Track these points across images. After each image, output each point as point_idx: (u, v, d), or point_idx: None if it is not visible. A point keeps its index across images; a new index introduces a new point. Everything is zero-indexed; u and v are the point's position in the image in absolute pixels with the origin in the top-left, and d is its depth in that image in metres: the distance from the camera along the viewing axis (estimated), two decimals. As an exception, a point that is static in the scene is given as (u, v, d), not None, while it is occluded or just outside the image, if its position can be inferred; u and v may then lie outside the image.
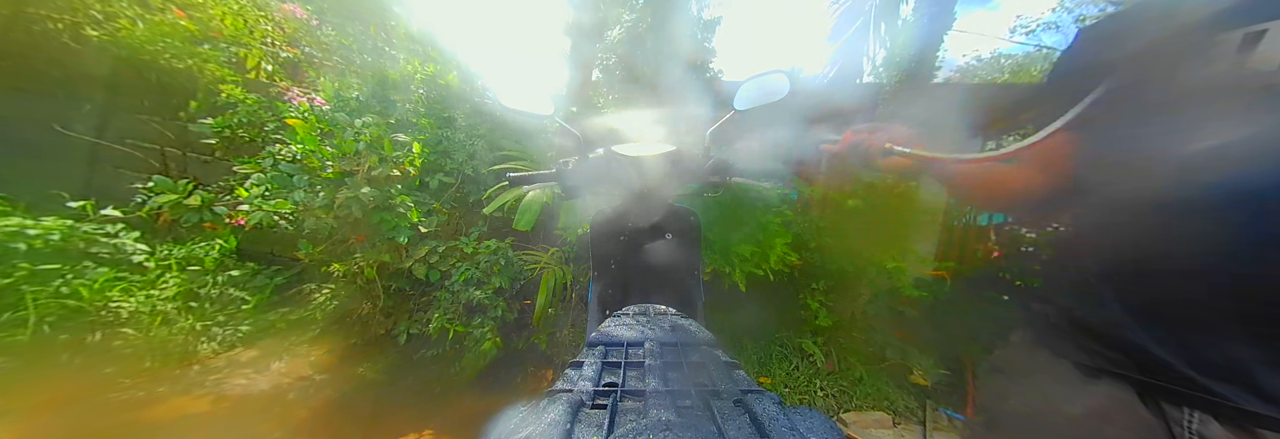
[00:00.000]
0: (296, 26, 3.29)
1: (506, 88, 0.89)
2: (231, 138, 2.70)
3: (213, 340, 2.30)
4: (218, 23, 3.03)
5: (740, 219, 2.21)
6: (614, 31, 3.39)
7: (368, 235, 2.10)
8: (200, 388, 1.98)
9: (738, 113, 0.92)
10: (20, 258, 1.95)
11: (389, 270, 2.21)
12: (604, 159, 0.89)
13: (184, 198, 2.04)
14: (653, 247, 0.94)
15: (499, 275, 2.21)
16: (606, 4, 3.42)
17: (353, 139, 1.96)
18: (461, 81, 2.57)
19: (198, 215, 2.06)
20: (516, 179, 0.94)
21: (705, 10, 3.89)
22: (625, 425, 0.36)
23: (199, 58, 2.91)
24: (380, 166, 2.03)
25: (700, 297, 0.98)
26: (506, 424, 0.37)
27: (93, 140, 2.97)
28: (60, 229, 2.12)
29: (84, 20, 2.77)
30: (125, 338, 2.09)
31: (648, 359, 0.52)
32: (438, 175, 2.36)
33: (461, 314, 2.21)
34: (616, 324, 0.69)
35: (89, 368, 1.94)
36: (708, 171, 0.91)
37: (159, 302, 2.27)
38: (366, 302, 2.32)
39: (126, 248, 2.34)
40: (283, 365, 2.21)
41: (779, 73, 0.86)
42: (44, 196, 2.51)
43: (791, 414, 0.37)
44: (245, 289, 2.60)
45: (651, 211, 0.94)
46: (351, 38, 3.21)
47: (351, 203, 1.92)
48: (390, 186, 2.09)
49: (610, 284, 0.98)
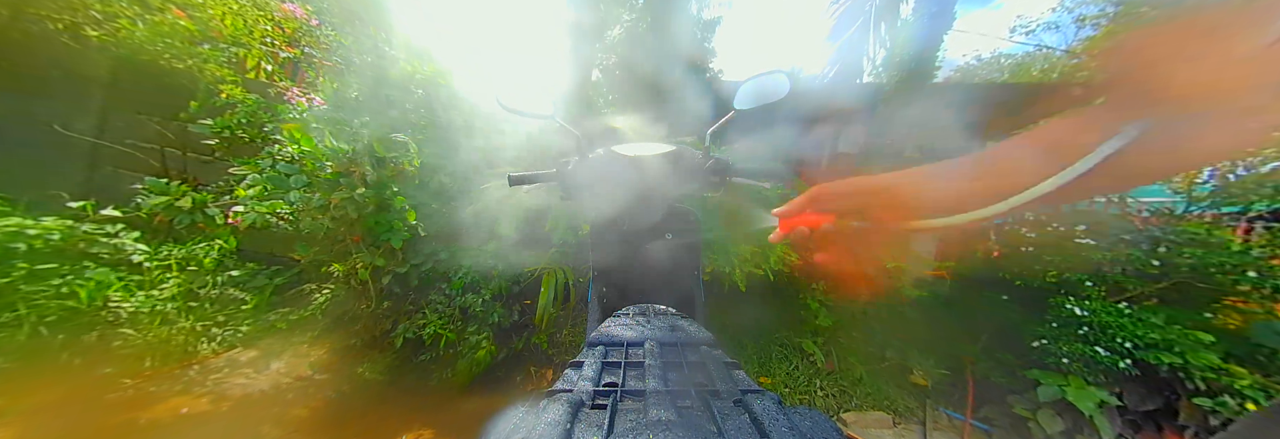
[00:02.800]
0: (296, 26, 3.29)
1: (507, 88, 0.89)
2: (231, 138, 2.70)
3: (212, 340, 2.30)
4: (217, 23, 3.03)
5: (740, 219, 2.21)
6: (614, 31, 3.39)
7: (363, 236, 2.10)
8: (200, 388, 1.98)
9: (738, 113, 0.91)
10: (20, 258, 1.95)
11: (385, 273, 2.21)
12: (604, 159, 0.89)
13: (176, 199, 2.04)
14: (653, 247, 0.94)
15: (498, 278, 2.21)
16: (606, 4, 3.42)
17: (349, 140, 1.96)
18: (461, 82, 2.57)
19: (190, 217, 2.06)
20: (516, 179, 0.94)
21: (705, 10, 3.90)
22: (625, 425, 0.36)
23: (199, 58, 2.91)
24: (376, 168, 2.03)
25: (700, 297, 0.98)
26: (506, 424, 0.37)
27: (93, 140, 2.97)
28: (60, 229, 2.12)
29: (84, 20, 2.76)
30: (125, 338, 2.09)
31: (647, 359, 0.52)
32: (438, 175, 2.35)
33: (457, 319, 2.20)
34: (616, 324, 0.69)
35: (89, 368, 1.94)
36: (708, 171, 0.91)
37: (158, 302, 2.26)
38: (364, 303, 2.32)
39: (126, 248, 2.34)
40: (282, 365, 2.21)
41: (779, 73, 0.86)
42: (44, 196, 2.51)
43: (791, 414, 0.37)
44: (245, 289, 2.60)
45: (651, 212, 0.94)
46: (351, 38, 3.21)
47: (347, 204, 1.92)
48: (388, 187, 2.08)
49: (610, 284, 0.99)
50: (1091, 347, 2.01)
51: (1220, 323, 2.21)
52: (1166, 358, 1.89)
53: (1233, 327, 2.19)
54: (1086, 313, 2.14)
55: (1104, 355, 1.97)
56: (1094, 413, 1.85)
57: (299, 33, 3.30)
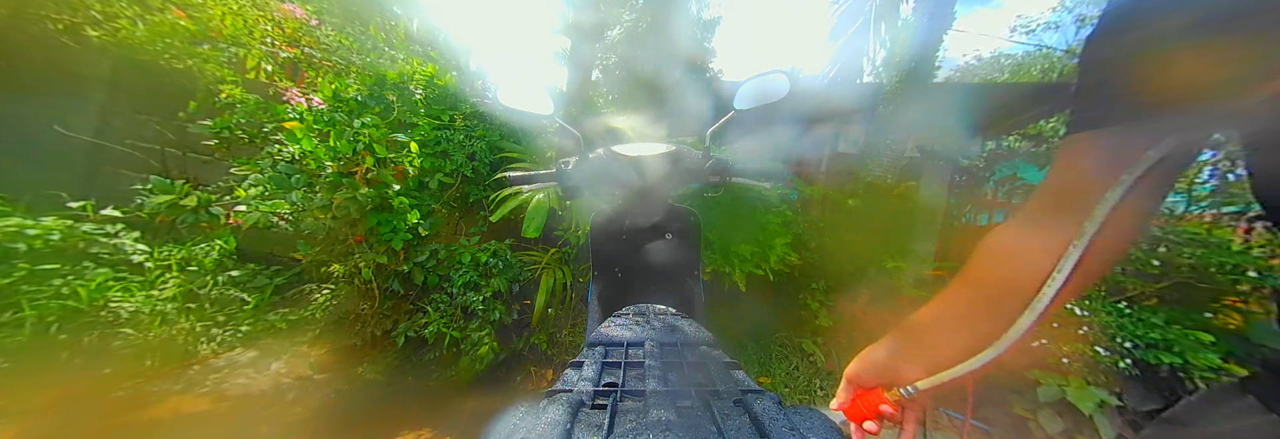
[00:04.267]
0: (296, 26, 3.28)
1: (507, 87, 0.89)
2: (230, 138, 2.70)
3: (213, 341, 2.30)
4: (217, 23, 3.02)
5: (740, 219, 2.21)
6: (614, 31, 3.39)
7: (365, 236, 2.10)
8: (200, 388, 1.98)
9: (738, 113, 0.91)
10: (20, 258, 1.95)
11: (387, 272, 2.21)
12: (604, 159, 0.89)
13: (180, 198, 2.04)
14: (652, 247, 0.94)
15: (498, 277, 2.21)
16: (606, 4, 3.42)
17: (350, 140, 1.96)
18: (461, 81, 2.57)
19: (194, 216, 2.06)
20: (516, 179, 0.94)
21: (705, 10, 3.90)
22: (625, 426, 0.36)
23: (199, 58, 2.91)
24: (377, 168, 2.03)
25: (700, 297, 0.98)
26: (506, 424, 0.37)
27: (93, 140, 2.97)
28: (60, 229, 2.12)
29: (84, 20, 2.76)
30: (125, 338, 2.09)
31: (647, 359, 0.52)
32: (438, 176, 2.36)
33: (459, 318, 2.20)
34: (616, 324, 0.69)
35: (88, 368, 1.94)
36: (708, 171, 0.91)
37: (158, 302, 2.26)
38: (365, 303, 2.32)
39: (126, 248, 2.34)
40: (282, 365, 2.21)
41: (779, 73, 0.86)
42: (44, 197, 2.51)
43: (791, 414, 0.37)
44: (245, 289, 2.60)
45: (651, 211, 0.94)
46: (351, 38, 3.21)
47: (349, 204, 1.92)
48: (388, 187, 2.08)
49: (610, 284, 0.99)
50: (1091, 346, 2.01)
51: (1220, 323, 2.21)
52: (1166, 358, 1.89)
53: (1233, 327, 2.19)
54: (1086, 313, 2.14)
55: (1104, 355, 1.97)
56: (1094, 413, 1.86)
57: (299, 33, 3.30)
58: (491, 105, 2.49)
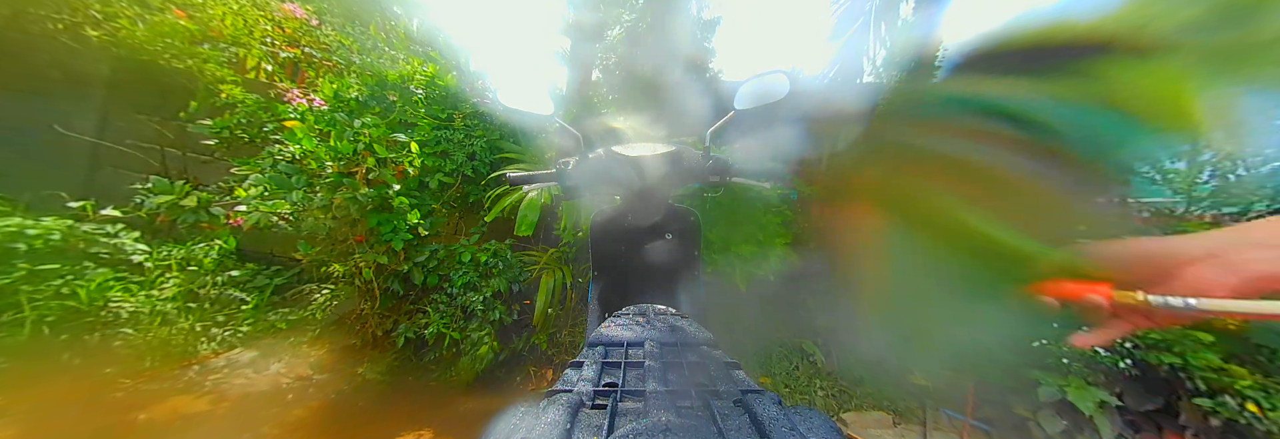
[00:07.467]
0: (296, 26, 3.29)
1: (507, 87, 0.89)
2: (230, 138, 2.70)
3: (212, 341, 2.30)
4: (217, 23, 3.03)
5: (740, 219, 2.21)
6: (614, 31, 3.39)
7: (365, 236, 2.10)
8: (200, 388, 1.98)
9: (738, 113, 0.91)
10: (20, 258, 1.95)
11: (387, 272, 2.21)
12: (604, 159, 0.89)
13: (180, 199, 2.04)
14: (653, 247, 0.94)
15: (498, 277, 2.21)
16: (606, 4, 3.42)
17: (350, 140, 1.96)
18: (461, 81, 2.57)
19: (194, 216, 2.06)
20: (516, 179, 0.94)
21: (705, 10, 3.89)
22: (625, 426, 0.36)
23: (199, 58, 2.91)
24: (378, 168, 2.03)
25: (700, 297, 0.98)
26: (506, 424, 0.37)
27: (93, 140, 2.97)
28: (60, 229, 2.12)
29: (84, 20, 2.76)
30: (125, 338, 2.09)
31: (647, 359, 0.52)
32: (438, 175, 2.36)
33: (459, 318, 2.20)
34: (616, 324, 0.69)
35: (89, 368, 1.94)
36: (708, 171, 0.91)
37: (158, 302, 2.26)
38: (365, 303, 2.32)
39: (126, 248, 2.34)
40: (282, 366, 2.21)
41: (779, 73, 0.86)
42: (44, 196, 2.51)
43: (791, 414, 0.37)
44: (245, 290, 2.60)
45: (651, 212, 0.94)
46: (351, 38, 3.20)
47: (350, 204, 1.92)
48: (389, 187, 2.08)
49: (610, 284, 0.99)
50: (1091, 346, 2.01)
51: (1220, 323, 2.21)
52: (1166, 358, 1.89)
53: (1233, 327, 2.18)
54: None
55: (1104, 355, 1.97)
56: (1094, 413, 1.85)
57: (299, 33, 3.30)
58: (492, 105, 2.49)
